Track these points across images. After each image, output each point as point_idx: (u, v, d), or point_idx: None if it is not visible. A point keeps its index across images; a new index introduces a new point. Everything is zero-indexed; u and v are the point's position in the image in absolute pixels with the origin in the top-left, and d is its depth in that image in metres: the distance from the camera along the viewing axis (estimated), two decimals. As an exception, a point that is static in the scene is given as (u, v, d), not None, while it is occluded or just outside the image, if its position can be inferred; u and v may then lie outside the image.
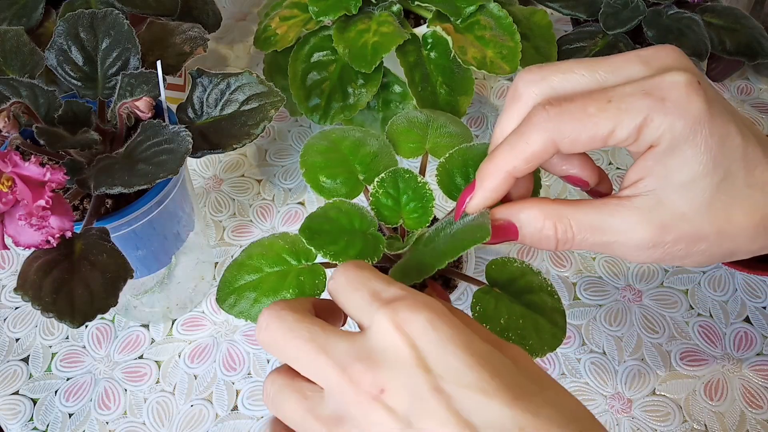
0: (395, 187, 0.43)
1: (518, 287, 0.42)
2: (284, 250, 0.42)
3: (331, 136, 0.47)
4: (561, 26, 0.82)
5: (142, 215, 0.47)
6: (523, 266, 0.42)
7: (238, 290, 0.42)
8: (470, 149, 0.44)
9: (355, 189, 0.45)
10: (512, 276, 0.42)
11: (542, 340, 0.40)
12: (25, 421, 0.55)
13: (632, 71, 0.35)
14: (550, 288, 0.42)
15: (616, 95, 0.34)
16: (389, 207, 0.43)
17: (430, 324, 0.29)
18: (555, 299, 0.41)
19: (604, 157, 0.71)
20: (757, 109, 0.75)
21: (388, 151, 0.47)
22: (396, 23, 0.60)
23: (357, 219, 0.42)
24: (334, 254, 0.38)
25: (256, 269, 0.42)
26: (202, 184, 0.70)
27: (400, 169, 0.43)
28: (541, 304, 0.41)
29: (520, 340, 0.39)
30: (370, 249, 0.40)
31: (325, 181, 0.45)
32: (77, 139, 0.44)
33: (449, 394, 0.28)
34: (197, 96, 0.49)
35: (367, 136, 0.47)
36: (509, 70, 0.60)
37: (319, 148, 0.46)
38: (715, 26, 0.66)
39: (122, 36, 0.49)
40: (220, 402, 0.56)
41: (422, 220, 0.42)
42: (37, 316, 0.61)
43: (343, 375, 0.29)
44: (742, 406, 0.54)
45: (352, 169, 0.46)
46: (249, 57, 0.83)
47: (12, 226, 0.39)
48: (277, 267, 0.42)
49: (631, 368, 0.56)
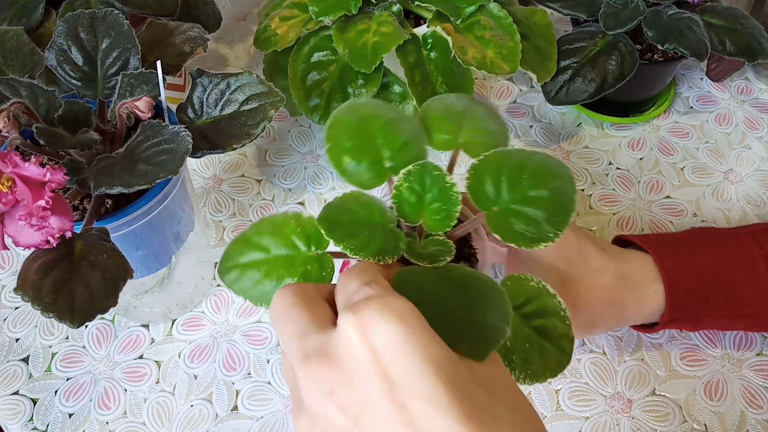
0: (421, 182, 0.40)
1: (530, 309, 0.40)
2: (295, 233, 0.40)
3: (362, 111, 0.43)
4: (561, 26, 0.82)
5: (142, 215, 0.47)
6: (540, 286, 0.40)
7: (242, 267, 0.40)
8: (507, 156, 0.41)
9: (379, 177, 0.42)
10: (527, 297, 0.40)
11: (545, 366, 0.39)
12: (25, 421, 0.55)
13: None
14: (563, 313, 0.40)
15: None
16: (412, 203, 0.40)
17: (393, 330, 0.29)
18: (566, 325, 0.40)
19: (604, 157, 0.71)
20: (757, 109, 0.75)
21: (419, 140, 0.43)
22: (396, 23, 0.60)
23: (376, 213, 0.40)
24: (355, 248, 0.36)
25: (263, 248, 0.40)
26: (202, 184, 0.70)
27: (428, 164, 0.40)
28: (550, 330, 0.39)
29: (523, 364, 0.38)
30: (390, 246, 0.38)
31: (350, 163, 0.42)
32: (77, 139, 0.44)
33: (401, 402, 0.28)
34: (197, 96, 0.49)
35: (400, 119, 0.43)
36: (509, 70, 0.60)
37: (348, 124, 0.43)
38: (715, 26, 0.66)
39: (122, 36, 0.49)
40: (220, 402, 0.56)
41: (445, 223, 0.40)
42: (37, 316, 0.61)
43: (305, 365, 0.30)
44: (742, 406, 0.54)
45: (380, 154, 0.42)
46: (249, 57, 0.83)
47: (12, 226, 0.39)
48: (285, 250, 0.40)
49: (631, 368, 0.56)
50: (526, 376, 0.38)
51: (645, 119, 0.74)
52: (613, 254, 0.50)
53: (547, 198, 0.39)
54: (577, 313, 0.48)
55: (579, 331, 0.50)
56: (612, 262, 0.49)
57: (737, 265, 0.50)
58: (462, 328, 0.34)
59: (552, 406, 0.55)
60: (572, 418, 0.54)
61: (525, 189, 0.39)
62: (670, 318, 0.51)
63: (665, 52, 0.67)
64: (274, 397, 0.56)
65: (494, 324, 0.34)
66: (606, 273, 0.49)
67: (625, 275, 0.50)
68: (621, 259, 0.50)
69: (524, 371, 0.38)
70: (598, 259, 0.49)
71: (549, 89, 0.66)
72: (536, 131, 0.74)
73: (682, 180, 0.69)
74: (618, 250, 0.51)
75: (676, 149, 0.72)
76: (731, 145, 0.72)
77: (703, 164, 0.70)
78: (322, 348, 0.30)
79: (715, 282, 0.50)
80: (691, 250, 0.51)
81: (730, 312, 0.51)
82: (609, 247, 0.51)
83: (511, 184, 0.40)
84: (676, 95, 0.77)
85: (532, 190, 0.39)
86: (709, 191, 0.68)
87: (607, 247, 0.51)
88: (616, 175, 0.70)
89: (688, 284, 0.50)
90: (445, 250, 0.40)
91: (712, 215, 0.66)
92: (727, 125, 0.74)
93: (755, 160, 0.71)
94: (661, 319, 0.51)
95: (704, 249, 0.51)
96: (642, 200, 0.67)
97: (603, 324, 0.51)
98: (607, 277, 0.49)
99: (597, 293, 0.49)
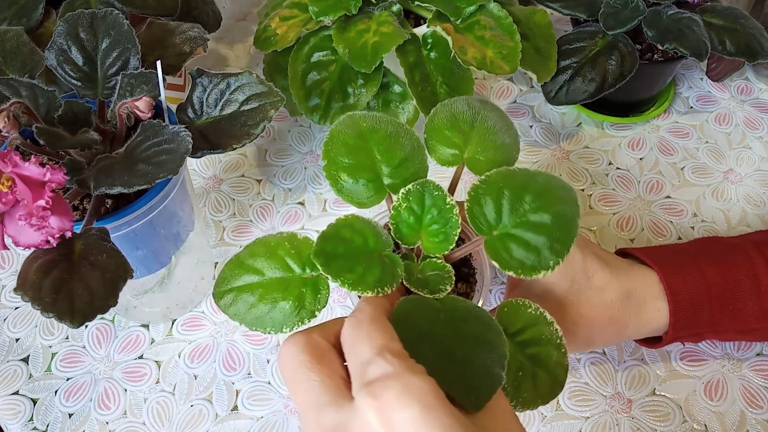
0: (420, 203, 0.40)
1: (526, 337, 0.39)
2: (289, 255, 0.39)
3: (361, 125, 0.42)
4: (561, 26, 0.82)
5: (142, 215, 0.47)
6: (537, 314, 0.39)
7: (236, 291, 0.40)
8: (511, 176, 0.39)
9: (377, 195, 0.41)
10: (524, 324, 0.39)
11: (537, 393, 0.38)
12: (25, 421, 0.55)
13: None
14: (559, 341, 0.39)
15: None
16: (410, 225, 0.40)
17: (413, 414, 0.28)
18: (561, 353, 0.39)
19: (604, 157, 0.71)
20: (757, 109, 0.75)
21: (420, 156, 0.42)
22: (396, 23, 0.60)
23: (372, 238, 0.39)
24: (353, 283, 0.36)
25: (257, 271, 0.39)
26: (202, 184, 0.70)
27: (429, 183, 0.40)
28: (545, 358, 0.39)
29: (515, 392, 0.38)
30: (388, 276, 0.37)
31: (346, 181, 0.41)
32: (77, 139, 0.44)
33: None
34: (197, 96, 0.49)
35: (400, 133, 0.42)
36: (509, 70, 0.60)
37: (346, 140, 0.42)
38: (715, 26, 0.66)
39: (122, 36, 0.49)
40: (220, 402, 0.56)
41: (443, 246, 0.39)
42: (37, 316, 0.61)
43: None
44: (742, 406, 0.54)
45: (378, 171, 0.41)
46: (249, 57, 0.83)
47: (12, 226, 0.39)
48: (279, 273, 0.39)
49: (631, 368, 0.56)
50: (517, 404, 0.38)
51: (645, 119, 0.74)
52: (617, 270, 0.49)
53: (549, 224, 0.37)
54: (577, 329, 0.48)
55: (578, 346, 0.50)
56: (615, 278, 0.49)
57: (742, 281, 0.49)
58: (460, 372, 0.33)
59: (552, 406, 0.55)
60: (572, 418, 0.54)
61: (527, 213, 0.38)
62: (674, 336, 0.50)
63: (665, 52, 0.67)
64: (274, 397, 0.56)
65: (492, 370, 0.34)
66: (609, 291, 0.48)
67: (629, 293, 0.49)
68: (625, 275, 0.49)
69: (515, 399, 0.38)
70: (602, 276, 0.48)
71: (549, 89, 0.66)
72: (536, 131, 0.74)
73: (682, 180, 0.69)
74: (622, 265, 0.50)
75: (676, 149, 0.72)
76: (731, 145, 0.72)
77: (703, 164, 0.70)
78: (340, 428, 0.30)
79: (720, 299, 0.49)
80: (695, 265, 0.50)
81: (735, 327, 0.50)
82: (613, 260, 0.50)
83: (512, 208, 0.38)
84: (676, 95, 0.77)
85: (534, 214, 0.38)
86: (709, 191, 0.68)
87: (612, 260, 0.50)
88: (616, 175, 0.70)
89: (693, 303, 0.49)
90: (444, 277, 0.39)
91: (712, 215, 0.66)
92: (727, 125, 0.74)
93: (755, 160, 0.71)
94: (665, 337, 0.51)
95: (709, 263, 0.50)
96: (642, 200, 0.67)
97: (603, 341, 0.50)
98: (610, 295, 0.48)
99: (599, 311, 0.48)
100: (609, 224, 0.66)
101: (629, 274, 0.50)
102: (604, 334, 0.49)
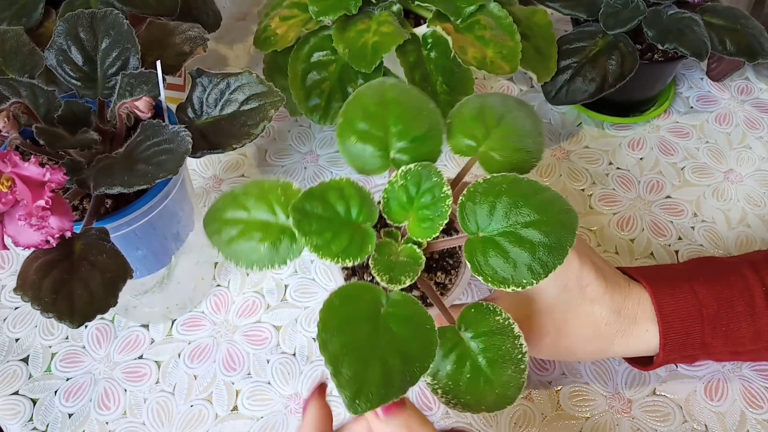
0: (417, 184, 0.39)
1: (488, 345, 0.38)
2: (278, 201, 0.39)
3: (387, 95, 0.42)
4: (561, 26, 0.82)
5: (141, 215, 0.47)
6: (505, 323, 0.38)
7: (223, 222, 0.40)
8: (516, 184, 0.38)
9: (380, 166, 0.41)
10: (488, 329, 0.38)
11: (480, 401, 0.37)
12: (25, 421, 0.55)
13: None
14: (520, 356, 0.37)
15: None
16: (401, 203, 0.39)
17: None
18: (518, 370, 0.37)
19: (604, 157, 0.71)
20: (757, 109, 0.75)
21: (436, 138, 0.41)
22: (396, 23, 0.60)
23: (356, 207, 0.38)
24: (316, 246, 0.36)
25: (245, 208, 0.40)
26: (202, 184, 0.70)
27: (431, 167, 0.39)
28: (498, 371, 0.37)
29: (455, 387, 0.37)
30: (355, 248, 0.37)
31: (355, 144, 0.41)
32: (77, 139, 0.44)
33: None
34: (197, 96, 0.49)
35: (422, 112, 0.41)
36: (509, 69, 0.60)
37: (367, 105, 0.41)
38: (715, 26, 0.66)
39: (122, 36, 0.49)
40: (219, 402, 0.56)
41: (428, 232, 0.39)
42: (37, 316, 0.61)
43: None
44: (742, 406, 0.54)
45: (388, 144, 0.41)
46: (249, 57, 0.83)
47: (12, 226, 0.39)
48: (264, 215, 0.39)
49: (631, 368, 0.56)
50: (458, 403, 0.37)
51: (645, 119, 0.74)
52: (612, 284, 0.49)
53: (537, 243, 0.36)
54: (559, 336, 0.48)
55: (559, 353, 0.50)
56: (608, 293, 0.48)
57: (736, 302, 0.48)
58: (362, 372, 0.33)
59: (552, 406, 0.55)
60: (572, 418, 0.54)
61: (518, 226, 0.37)
62: (666, 359, 0.49)
63: (665, 52, 0.67)
64: (274, 397, 0.56)
65: (395, 380, 0.33)
66: (600, 304, 0.48)
67: (619, 310, 0.48)
68: (619, 291, 0.49)
69: (455, 398, 0.37)
70: (595, 288, 0.48)
71: (549, 89, 0.66)
72: (536, 131, 0.74)
73: (682, 180, 0.69)
74: (619, 280, 0.50)
75: (677, 149, 0.72)
76: (731, 145, 0.72)
77: (703, 164, 0.70)
78: None
79: (713, 321, 0.48)
80: (689, 284, 0.49)
81: (729, 349, 0.49)
82: (611, 274, 0.49)
83: (506, 216, 0.37)
84: (676, 95, 0.77)
85: (526, 229, 0.37)
86: (709, 191, 0.68)
87: (609, 274, 0.49)
88: (616, 174, 0.70)
89: (684, 325, 0.48)
90: (412, 267, 0.38)
91: (712, 215, 0.66)
92: (728, 125, 0.74)
93: (755, 160, 0.71)
94: (656, 360, 0.50)
95: (702, 283, 0.49)
96: (642, 200, 0.67)
97: (585, 354, 0.50)
98: (600, 309, 0.48)
99: (585, 323, 0.48)
100: (609, 224, 0.66)
101: (623, 291, 0.49)
102: (587, 346, 0.49)
